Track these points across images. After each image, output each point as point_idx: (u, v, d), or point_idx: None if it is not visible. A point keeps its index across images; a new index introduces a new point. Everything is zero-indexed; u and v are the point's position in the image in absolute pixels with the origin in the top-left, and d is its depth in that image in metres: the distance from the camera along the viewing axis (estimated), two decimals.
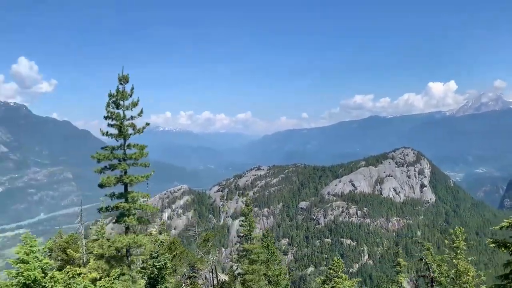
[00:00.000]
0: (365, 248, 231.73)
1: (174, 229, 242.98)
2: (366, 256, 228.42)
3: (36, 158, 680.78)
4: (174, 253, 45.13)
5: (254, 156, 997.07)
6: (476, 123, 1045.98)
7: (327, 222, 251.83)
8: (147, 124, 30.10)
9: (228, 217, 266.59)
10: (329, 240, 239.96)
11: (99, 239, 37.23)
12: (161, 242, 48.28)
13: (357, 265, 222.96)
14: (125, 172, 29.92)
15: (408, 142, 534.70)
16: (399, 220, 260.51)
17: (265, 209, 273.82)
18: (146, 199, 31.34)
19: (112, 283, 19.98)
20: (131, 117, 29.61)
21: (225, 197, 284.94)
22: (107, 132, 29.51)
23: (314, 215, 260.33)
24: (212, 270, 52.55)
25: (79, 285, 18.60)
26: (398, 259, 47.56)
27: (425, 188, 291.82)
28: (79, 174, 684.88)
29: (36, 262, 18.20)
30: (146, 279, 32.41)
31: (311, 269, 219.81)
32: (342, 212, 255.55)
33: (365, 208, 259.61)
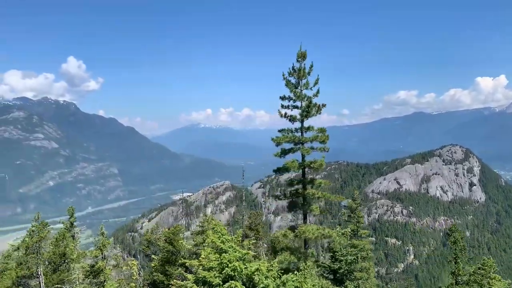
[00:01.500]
0: (411, 248, 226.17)
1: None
2: (412, 256, 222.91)
3: (84, 154, 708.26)
4: None
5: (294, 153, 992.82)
6: None
7: (371, 221, 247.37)
8: (323, 105, 26.94)
9: (270, 213, 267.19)
10: (373, 239, 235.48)
11: (216, 231, 38.02)
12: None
13: (402, 265, 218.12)
14: (303, 157, 28.00)
15: (454, 139, 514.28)
16: (447, 219, 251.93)
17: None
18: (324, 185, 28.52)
19: (305, 277, 18.40)
20: (308, 97, 27.19)
21: (266, 194, 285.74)
22: (285, 114, 27.51)
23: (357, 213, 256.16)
24: None
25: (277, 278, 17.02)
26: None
27: (474, 187, 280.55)
28: (124, 170, 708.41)
29: (235, 252, 17.08)
30: (331, 274, 30.66)
31: None
32: (386, 210, 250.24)
33: (410, 207, 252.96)
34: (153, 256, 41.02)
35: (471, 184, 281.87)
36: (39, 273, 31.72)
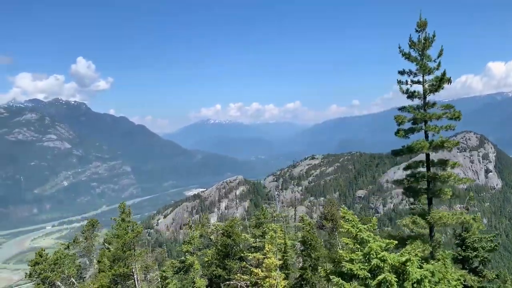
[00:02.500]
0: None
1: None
2: None
3: (97, 153, 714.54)
4: None
5: (304, 145, 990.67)
6: None
7: (387, 211, 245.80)
8: (449, 80, 24.56)
9: (284, 206, 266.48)
10: (389, 228, 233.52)
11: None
12: None
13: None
14: (427, 136, 25.85)
15: (466, 126, 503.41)
16: (463, 207, 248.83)
17: (321, 198, 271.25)
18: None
19: (446, 267, 17.07)
20: (431, 69, 24.96)
21: (279, 187, 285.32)
22: (406, 90, 25.48)
23: (372, 203, 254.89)
24: None
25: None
26: None
27: (490, 173, 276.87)
28: (137, 167, 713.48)
29: (376, 241, 15.64)
30: (459, 263, 27.71)
31: None
32: (402, 200, 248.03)
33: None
34: (206, 250, 40.70)
35: (487, 171, 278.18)
36: (134, 270, 31.41)
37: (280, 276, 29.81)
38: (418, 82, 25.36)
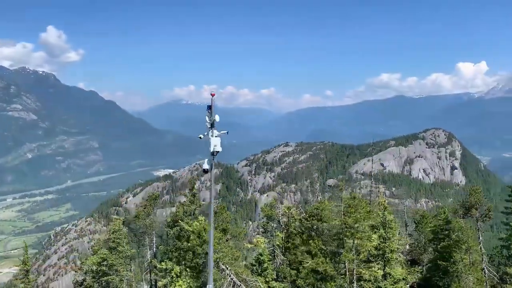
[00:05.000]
0: None
1: (203, 200, 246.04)
2: None
3: (64, 126, 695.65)
4: None
5: (277, 132, 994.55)
6: (506, 106, 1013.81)
7: None
8: None
9: (256, 191, 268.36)
10: None
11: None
12: None
13: None
14: None
15: (433, 123, 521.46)
16: (428, 201, 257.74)
17: (292, 185, 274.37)
18: None
19: None
20: None
21: (252, 172, 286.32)
22: None
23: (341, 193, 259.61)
24: None
25: None
26: None
27: (455, 170, 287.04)
28: (105, 144, 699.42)
29: None
30: None
31: None
32: (370, 191, 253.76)
33: (393, 188, 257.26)
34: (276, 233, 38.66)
35: (453, 168, 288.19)
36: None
37: None
38: None
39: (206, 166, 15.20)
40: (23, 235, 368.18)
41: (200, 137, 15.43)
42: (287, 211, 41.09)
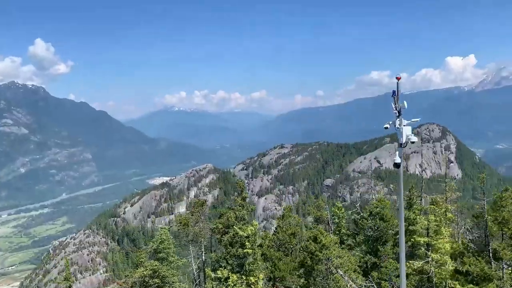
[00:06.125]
0: None
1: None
2: None
3: (56, 139, 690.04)
4: None
5: (270, 135, 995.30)
6: (496, 98, 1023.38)
7: (354, 199, 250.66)
8: None
9: (254, 195, 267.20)
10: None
11: None
12: None
13: None
14: None
15: (425, 118, 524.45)
16: (426, 196, 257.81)
17: (290, 187, 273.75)
18: None
19: None
20: None
21: (249, 176, 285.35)
22: None
23: (340, 192, 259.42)
24: None
25: None
26: None
27: (451, 164, 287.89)
28: (98, 155, 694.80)
29: None
30: None
31: None
32: (368, 189, 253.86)
33: (391, 185, 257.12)
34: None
35: (449, 161, 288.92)
36: None
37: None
38: None
39: (398, 159, 13.72)
40: (20, 251, 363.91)
41: (386, 127, 13.80)
42: (337, 212, 40.28)
